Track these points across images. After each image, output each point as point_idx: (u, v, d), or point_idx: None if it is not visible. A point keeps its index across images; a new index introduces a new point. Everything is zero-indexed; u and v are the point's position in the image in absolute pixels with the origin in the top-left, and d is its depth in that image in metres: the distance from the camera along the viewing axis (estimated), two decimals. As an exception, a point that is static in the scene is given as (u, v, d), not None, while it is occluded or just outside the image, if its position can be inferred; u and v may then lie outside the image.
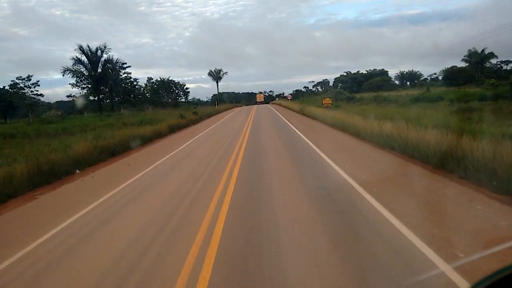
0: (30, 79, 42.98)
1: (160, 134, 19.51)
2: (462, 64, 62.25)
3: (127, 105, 50.83)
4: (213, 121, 30.74)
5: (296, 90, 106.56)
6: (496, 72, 59.13)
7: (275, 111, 38.93)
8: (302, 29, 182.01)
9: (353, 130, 14.07)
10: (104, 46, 42.73)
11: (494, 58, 61.27)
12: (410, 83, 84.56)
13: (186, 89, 64.49)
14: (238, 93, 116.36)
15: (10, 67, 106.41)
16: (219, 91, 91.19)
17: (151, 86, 58.98)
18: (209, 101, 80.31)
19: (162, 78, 60.68)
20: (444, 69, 69.82)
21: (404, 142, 9.32)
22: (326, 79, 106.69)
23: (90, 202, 6.87)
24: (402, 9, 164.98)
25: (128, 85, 50.91)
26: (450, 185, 6.43)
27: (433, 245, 3.97)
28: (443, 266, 3.50)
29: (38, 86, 43.79)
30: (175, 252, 4.38)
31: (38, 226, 5.83)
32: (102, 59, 42.96)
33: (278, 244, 4.37)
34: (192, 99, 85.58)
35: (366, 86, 72.57)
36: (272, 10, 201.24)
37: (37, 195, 7.95)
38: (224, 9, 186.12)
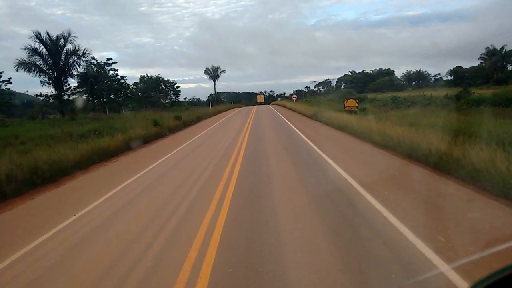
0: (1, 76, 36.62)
1: (105, 154, 12.19)
2: (465, 64, 57.46)
3: (115, 105, 45.26)
4: (197, 129, 23.40)
5: (297, 90, 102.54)
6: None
7: (280, 116, 31.02)
8: (303, 29, 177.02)
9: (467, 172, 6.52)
10: (68, 34, 33.78)
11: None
12: (416, 83, 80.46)
13: (177, 87, 57.47)
14: (239, 92, 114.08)
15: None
16: (218, 91, 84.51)
17: (137, 85, 51.65)
18: (211, 100, 73.05)
19: (150, 75, 53.31)
20: (451, 69, 66.45)
21: None
22: (328, 79, 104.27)
23: None
24: (403, 10, 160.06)
25: (115, 83, 45.15)
26: None
27: None
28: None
29: (10, 83, 37.37)
30: None
31: None
32: (65, 49, 33.92)
33: None
34: (192, 99, 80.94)
35: (373, 85, 67.86)
36: (273, 10, 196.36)
37: None
38: (225, 9, 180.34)
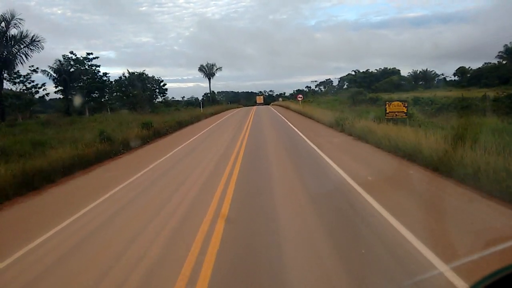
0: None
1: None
2: (467, 65, 53.24)
3: (95, 104, 40.05)
4: (168, 145, 15.96)
5: (297, 90, 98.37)
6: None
7: (290, 125, 21.56)
8: (303, 30, 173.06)
9: None
10: (10, 15, 26.85)
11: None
12: (424, 83, 76.22)
13: (164, 85, 50.13)
14: (238, 92, 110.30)
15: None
16: (216, 90, 79.48)
17: (118, 82, 43.10)
18: (203, 100, 67.31)
19: (132, 71, 44.12)
20: (456, 69, 63.79)
21: None
22: (329, 79, 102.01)
23: None
24: (403, 11, 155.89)
25: (96, 81, 39.83)
26: None
27: None
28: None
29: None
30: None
31: None
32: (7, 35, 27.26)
33: None
34: (190, 98, 77.43)
35: (381, 84, 63.38)
36: (273, 11, 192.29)
37: None
38: (225, 10, 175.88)
